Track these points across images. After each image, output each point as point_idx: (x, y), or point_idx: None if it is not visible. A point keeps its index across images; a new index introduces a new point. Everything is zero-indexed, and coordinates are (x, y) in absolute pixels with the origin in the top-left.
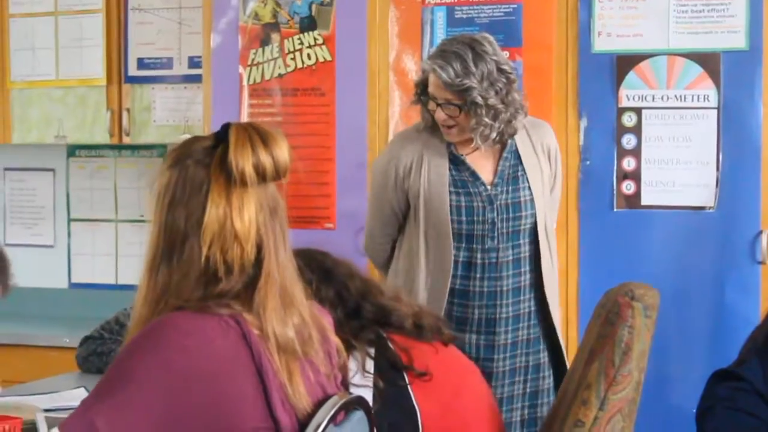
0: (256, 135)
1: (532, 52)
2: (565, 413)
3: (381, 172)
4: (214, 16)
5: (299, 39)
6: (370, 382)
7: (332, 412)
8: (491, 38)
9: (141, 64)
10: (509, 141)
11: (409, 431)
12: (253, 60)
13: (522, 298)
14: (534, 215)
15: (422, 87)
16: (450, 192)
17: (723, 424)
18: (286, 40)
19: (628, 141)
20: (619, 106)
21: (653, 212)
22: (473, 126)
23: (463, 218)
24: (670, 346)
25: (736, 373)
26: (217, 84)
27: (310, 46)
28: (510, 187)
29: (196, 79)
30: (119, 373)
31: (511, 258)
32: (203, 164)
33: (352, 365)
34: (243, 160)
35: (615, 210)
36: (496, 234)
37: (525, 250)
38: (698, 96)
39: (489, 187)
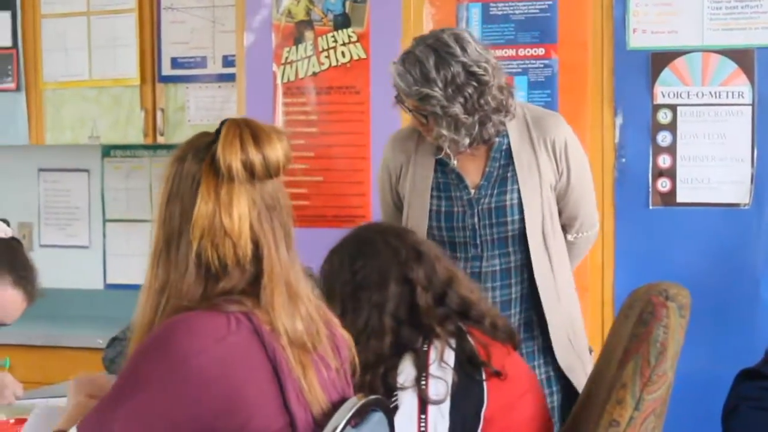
0: (248, 132)
1: (567, 49)
2: (599, 413)
3: (381, 173)
4: (247, 15)
5: (333, 36)
6: (447, 373)
7: (349, 415)
8: (464, 35)
9: (175, 63)
10: (497, 139)
11: (472, 425)
12: (286, 58)
13: (512, 311)
14: (522, 220)
15: None
16: (432, 196)
17: (748, 424)
18: (319, 38)
19: (664, 138)
20: (654, 103)
21: (689, 210)
22: (435, 136)
23: (443, 224)
24: (704, 344)
25: (762, 372)
26: (251, 83)
27: (344, 44)
28: (495, 191)
29: (230, 77)
30: (133, 376)
31: (498, 268)
32: (198, 159)
33: (432, 354)
34: (230, 156)
35: (650, 207)
36: (478, 241)
37: (515, 258)
38: (733, 93)
39: (472, 191)
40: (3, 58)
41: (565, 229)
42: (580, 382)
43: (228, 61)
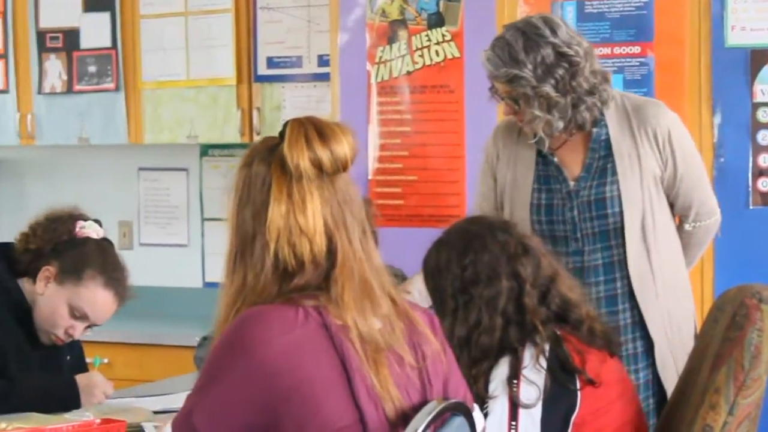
0: (312, 129)
1: (663, 47)
2: (692, 418)
3: (483, 154)
4: (341, 14)
5: (427, 36)
6: (540, 378)
7: (429, 419)
8: (554, 18)
9: (270, 62)
10: (595, 130)
11: (559, 428)
12: (380, 57)
13: (618, 308)
14: (621, 213)
15: None
16: (533, 189)
17: None
18: (413, 37)
19: (764, 137)
20: (754, 101)
21: None
22: (528, 119)
23: (543, 217)
24: None
25: None
26: (345, 82)
27: (438, 43)
28: (595, 182)
29: (326, 77)
30: (210, 369)
31: (600, 262)
32: (266, 162)
33: (526, 357)
34: (298, 155)
35: (750, 207)
36: (579, 235)
37: (618, 252)
38: None
39: (572, 183)
40: (103, 59)
41: (681, 219)
42: (670, 383)
43: (323, 61)
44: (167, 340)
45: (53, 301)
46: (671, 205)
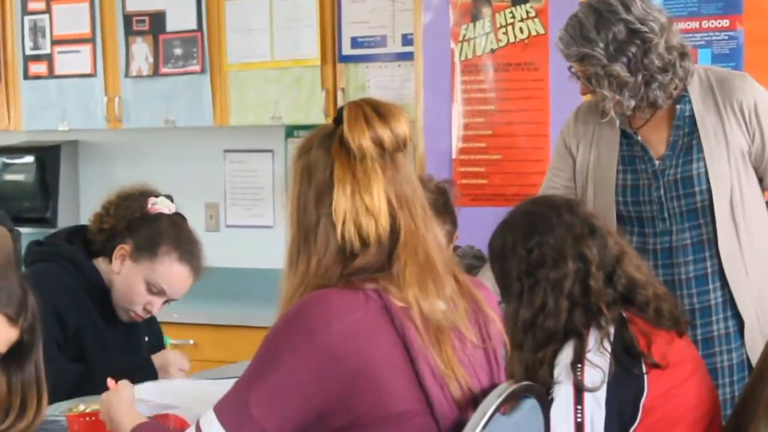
0: (371, 109)
1: (753, 20)
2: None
3: (560, 134)
4: None
5: (511, 12)
6: (605, 361)
7: (499, 401)
8: None
9: (355, 42)
10: (679, 106)
11: (631, 415)
12: (464, 36)
13: (709, 287)
14: (710, 190)
15: None
16: (618, 171)
17: None
18: (497, 14)
19: None
20: None
21: None
22: (600, 99)
23: (629, 198)
24: None
25: None
26: (429, 61)
27: (522, 20)
28: (681, 160)
29: (410, 56)
30: (267, 355)
31: (689, 241)
32: (324, 148)
33: (591, 340)
34: (359, 135)
35: None
36: (666, 215)
37: (707, 231)
38: None
39: (657, 162)
40: (189, 41)
41: None
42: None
43: (407, 40)
44: (253, 322)
45: (130, 279)
46: (760, 180)
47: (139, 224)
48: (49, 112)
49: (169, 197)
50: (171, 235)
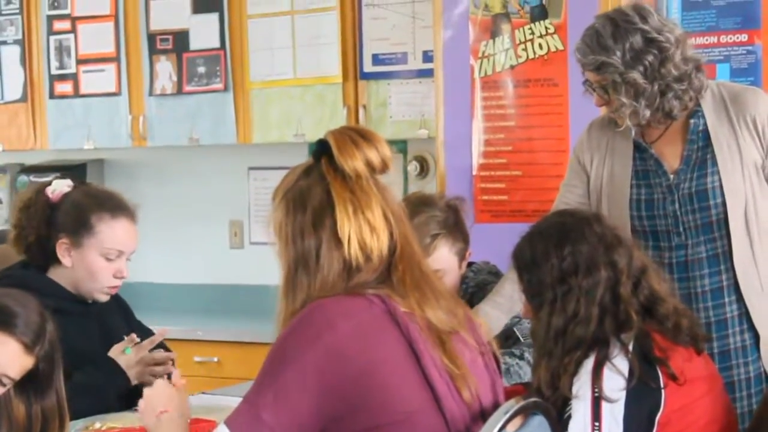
0: (355, 134)
1: None
2: None
3: (574, 151)
4: (444, 9)
5: (530, 29)
6: (626, 365)
7: (505, 418)
8: (645, 6)
9: (376, 59)
10: (692, 120)
11: (646, 430)
12: (483, 52)
13: (725, 300)
14: (725, 203)
15: None
16: (632, 185)
17: None
18: (516, 31)
19: None
20: None
21: None
22: (615, 107)
23: (643, 213)
24: None
25: None
26: (449, 77)
27: (541, 36)
28: (695, 174)
29: (431, 73)
30: (274, 361)
31: (704, 255)
32: (312, 177)
33: (614, 350)
34: (351, 158)
35: None
36: (681, 228)
37: (722, 244)
38: None
39: (671, 176)
40: (212, 60)
41: None
42: None
43: (428, 57)
44: None
45: (86, 262)
46: None
47: (56, 216)
48: (74, 131)
49: (59, 177)
50: (89, 202)
